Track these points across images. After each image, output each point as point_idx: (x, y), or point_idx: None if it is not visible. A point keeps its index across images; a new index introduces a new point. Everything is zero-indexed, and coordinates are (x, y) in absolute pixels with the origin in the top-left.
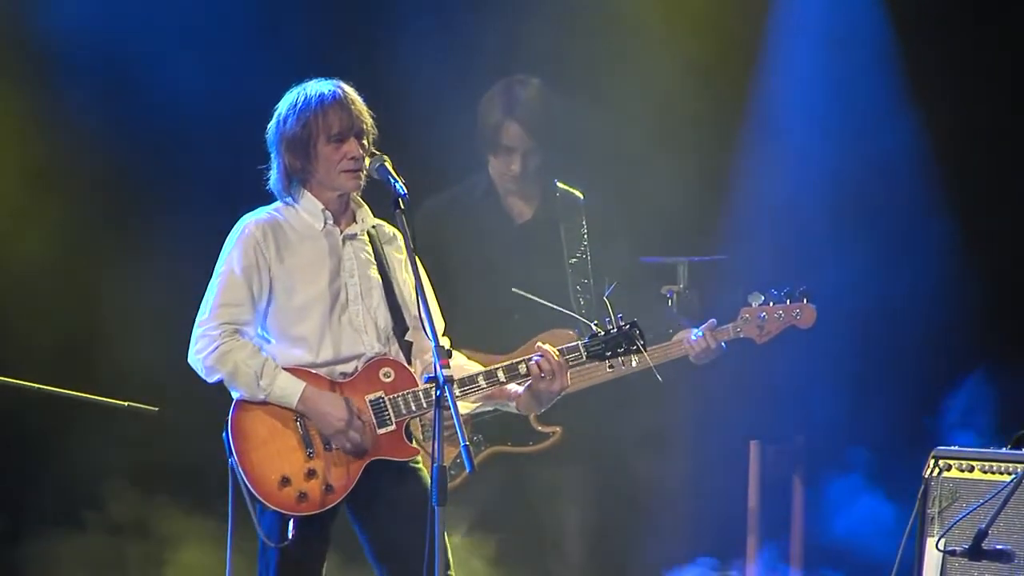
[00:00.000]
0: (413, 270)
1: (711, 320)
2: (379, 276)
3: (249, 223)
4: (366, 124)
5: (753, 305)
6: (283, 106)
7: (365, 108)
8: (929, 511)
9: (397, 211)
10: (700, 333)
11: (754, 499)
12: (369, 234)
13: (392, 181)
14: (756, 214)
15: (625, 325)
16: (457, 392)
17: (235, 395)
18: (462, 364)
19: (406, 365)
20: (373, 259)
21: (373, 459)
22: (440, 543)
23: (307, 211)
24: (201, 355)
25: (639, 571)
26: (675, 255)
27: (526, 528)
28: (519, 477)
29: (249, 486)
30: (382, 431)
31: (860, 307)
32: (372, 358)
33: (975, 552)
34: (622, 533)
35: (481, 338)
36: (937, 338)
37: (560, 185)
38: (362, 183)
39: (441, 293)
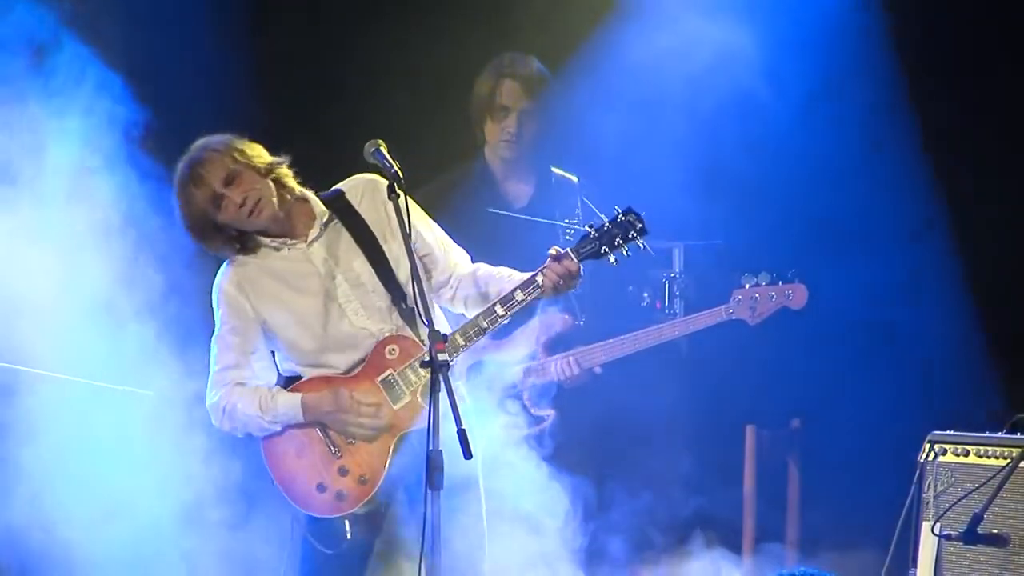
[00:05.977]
0: (408, 251)
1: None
2: (364, 257)
3: (222, 281)
4: (233, 164)
5: (746, 287)
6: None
7: (221, 149)
8: (924, 496)
9: (393, 195)
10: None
11: (750, 483)
12: (340, 211)
13: (387, 165)
14: (751, 198)
15: (619, 216)
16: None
17: None
18: (490, 274)
19: (408, 335)
20: (352, 241)
21: (399, 435)
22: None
23: (266, 246)
24: (218, 424)
25: (635, 555)
26: (670, 239)
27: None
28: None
29: (293, 504)
30: (398, 406)
31: (855, 291)
32: (378, 341)
33: (971, 537)
34: (618, 516)
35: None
36: (933, 321)
37: (555, 171)
38: (274, 209)
39: None
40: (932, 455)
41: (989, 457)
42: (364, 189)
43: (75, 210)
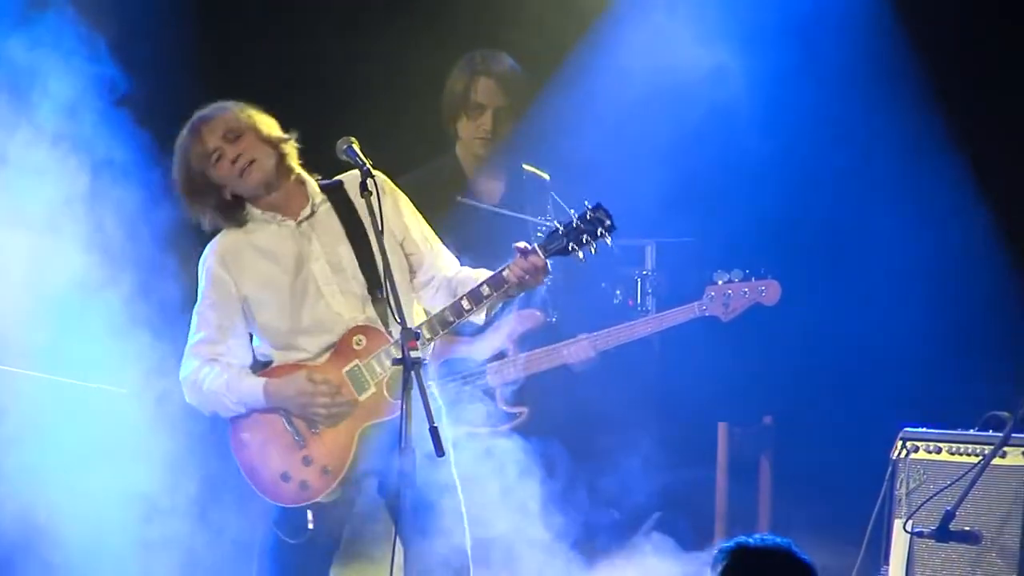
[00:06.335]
0: (380, 248)
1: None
2: (348, 243)
3: (208, 255)
4: (237, 123)
5: (719, 283)
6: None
7: (230, 107)
8: (897, 492)
9: (365, 192)
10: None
11: (722, 480)
12: (333, 200)
13: (360, 162)
14: (724, 196)
15: (588, 212)
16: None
17: None
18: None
19: (377, 327)
20: (341, 227)
21: (363, 427)
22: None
23: (256, 219)
24: (188, 398)
25: (604, 549)
26: (642, 237)
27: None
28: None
29: (257, 492)
30: (363, 397)
31: (836, 287)
32: (347, 330)
33: (942, 534)
34: (588, 511)
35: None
36: (906, 319)
37: (527, 168)
38: (265, 175)
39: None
40: (904, 452)
41: (961, 454)
42: (355, 181)
43: (48, 190)
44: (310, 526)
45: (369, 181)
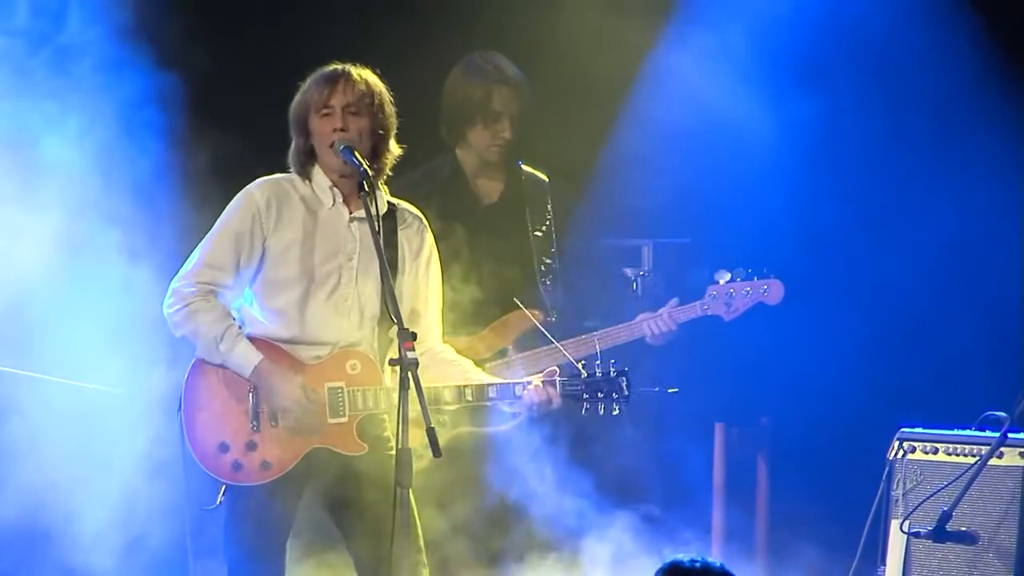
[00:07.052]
0: (378, 252)
1: (673, 300)
2: (378, 267)
3: (255, 189)
4: (366, 105)
5: (720, 282)
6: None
7: (376, 90)
8: (894, 493)
9: (362, 193)
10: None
11: (719, 480)
12: (387, 219)
13: (356, 163)
14: (722, 196)
15: (613, 373)
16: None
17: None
18: (452, 361)
19: (374, 362)
20: (381, 249)
21: (317, 446)
22: (411, 524)
23: (319, 186)
24: (171, 310)
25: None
26: (639, 237)
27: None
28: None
29: (188, 444)
30: (333, 421)
31: (832, 289)
32: (345, 347)
33: (939, 534)
34: (582, 510)
35: (444, 319)
36: (903, 318)
37: (525, 168)
38: (355, 162)
39: None
40: (901, 452)
41: (958, 455)
42: (412, 219)
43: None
44: (218, 501)
45: (366, 183)
